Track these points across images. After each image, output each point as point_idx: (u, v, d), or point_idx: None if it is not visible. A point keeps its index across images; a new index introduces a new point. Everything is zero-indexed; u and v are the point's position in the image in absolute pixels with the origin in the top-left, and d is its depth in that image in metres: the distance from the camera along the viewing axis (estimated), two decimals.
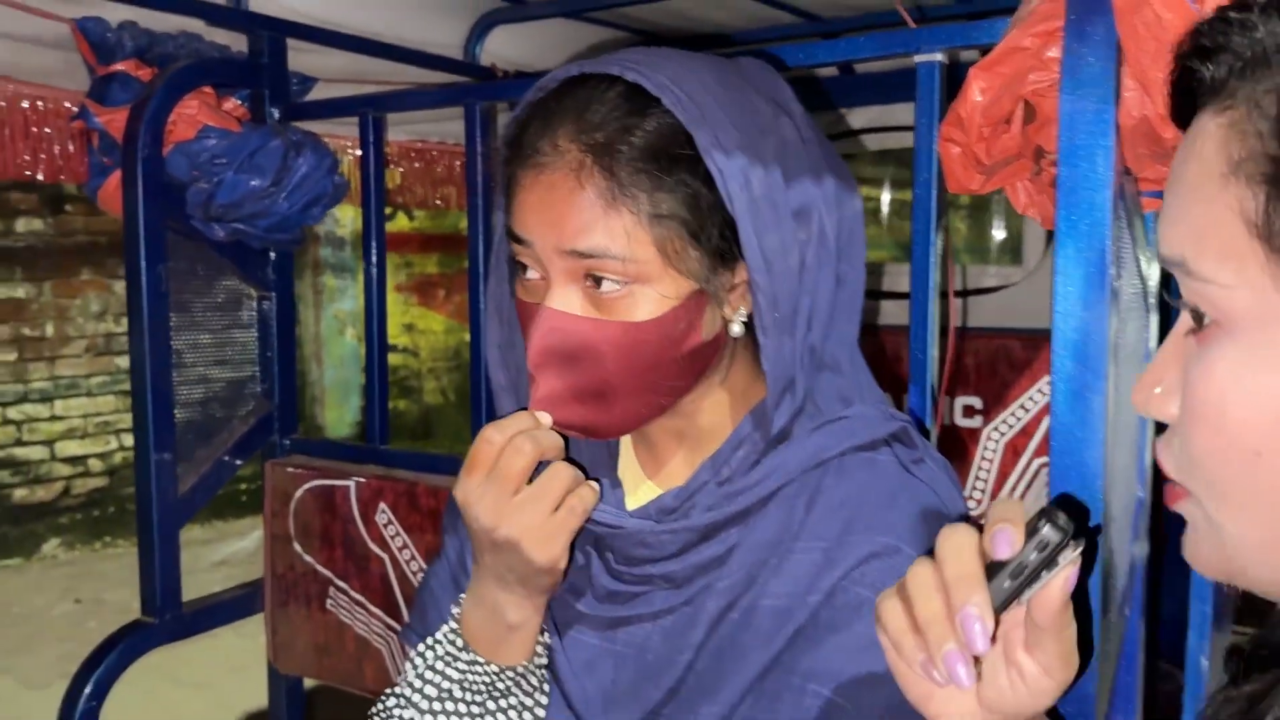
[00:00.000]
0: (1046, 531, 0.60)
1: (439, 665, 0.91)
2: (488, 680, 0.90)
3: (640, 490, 0.94)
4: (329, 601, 1.65)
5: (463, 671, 0.90)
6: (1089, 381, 0.83)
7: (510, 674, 0.90)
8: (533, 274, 0.84)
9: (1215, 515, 0.53)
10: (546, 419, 0.84)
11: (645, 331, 0.81)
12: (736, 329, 0.85)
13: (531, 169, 0.81)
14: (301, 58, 1.77)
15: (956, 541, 0.63)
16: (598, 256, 0.79)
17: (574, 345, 0.81)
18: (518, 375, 0.93)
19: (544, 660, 0.91)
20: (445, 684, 0.90)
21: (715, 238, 0.81)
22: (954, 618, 0.61)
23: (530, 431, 0.83)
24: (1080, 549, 0.61)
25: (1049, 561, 0.60)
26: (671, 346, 0.82)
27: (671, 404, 0.87)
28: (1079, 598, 0.80)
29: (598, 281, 0.80)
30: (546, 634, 0.92)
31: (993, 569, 0.61)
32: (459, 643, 0.92)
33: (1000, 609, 0.61)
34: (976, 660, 0.63)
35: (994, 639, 0.62)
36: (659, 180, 0.79)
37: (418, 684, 0.91)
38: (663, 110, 0.79)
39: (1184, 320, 0.55)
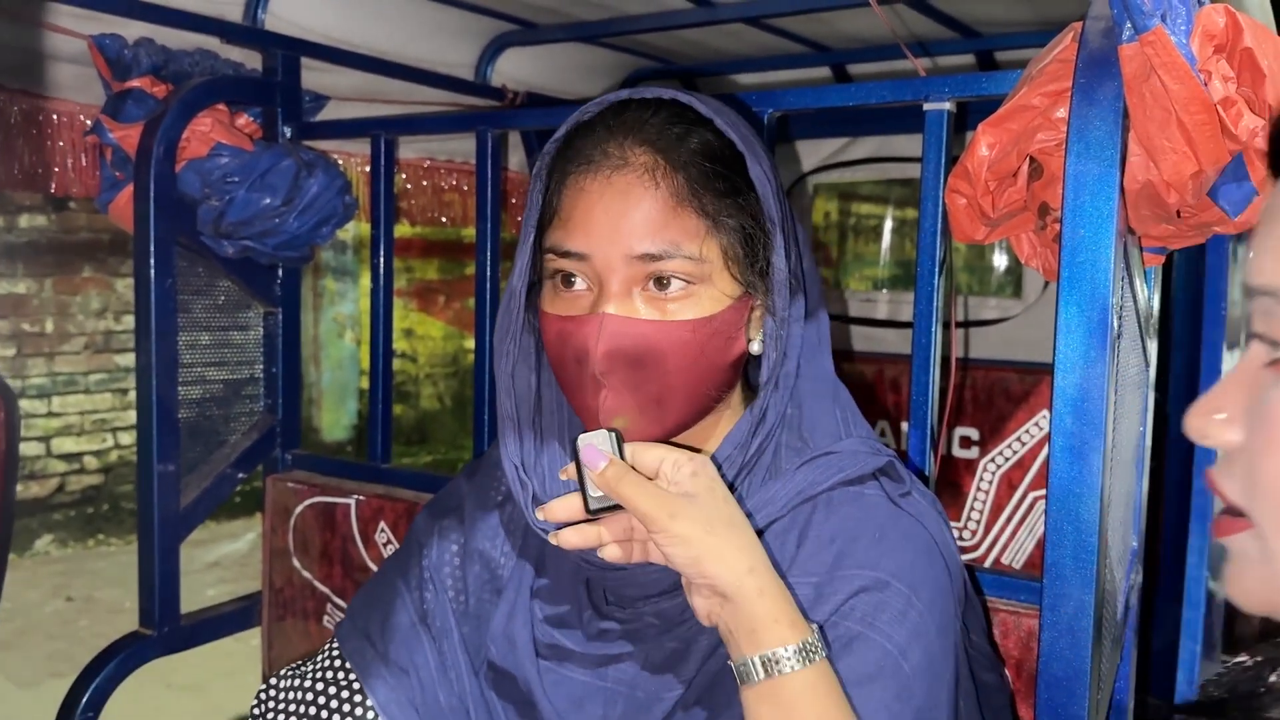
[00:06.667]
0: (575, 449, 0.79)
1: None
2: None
3: None
4: (326, 618, 1.65)
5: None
6: (1088, 439, 0.84)
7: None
8: (580, 285, 0.85)
9: (1276, 545, 0.53)
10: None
11: (707, 327, 0.84)
12: (756, 347, 0.89)
13: (599, 177, 0.84)
14: (313, 76, 1.79)
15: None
16: (670, 256, 0.82)
17: (639, 349, 0.83)
18: (520, 405, 0.95)
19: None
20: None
21: (760, 252, 0.86)
22: None
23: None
24: (581, 434, 0.79)
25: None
26: (724, 348, 0.86)
27: (709, 410, 0.89)
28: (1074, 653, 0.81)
29: (661, 284, 0.83)
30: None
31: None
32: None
33: (589, 509, 0.80)
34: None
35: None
36: (724, 185, 0.84)
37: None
38: (713, 129, 0.85)
39: (1256, 353, 0.55)
